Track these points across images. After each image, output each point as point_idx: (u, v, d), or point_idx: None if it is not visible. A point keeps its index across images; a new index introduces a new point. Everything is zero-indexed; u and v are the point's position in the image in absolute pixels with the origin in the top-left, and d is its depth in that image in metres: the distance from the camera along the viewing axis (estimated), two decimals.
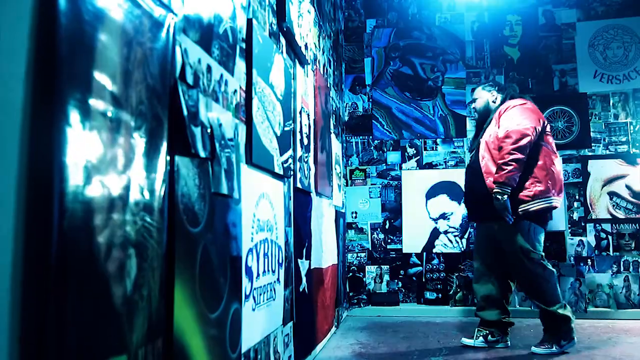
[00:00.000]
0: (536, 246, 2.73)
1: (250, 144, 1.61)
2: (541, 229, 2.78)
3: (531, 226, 2.73)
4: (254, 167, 1.65)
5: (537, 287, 2.74)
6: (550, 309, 2.70)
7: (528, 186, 2.70)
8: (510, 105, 2.82)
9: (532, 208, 2.69)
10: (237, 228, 1.46)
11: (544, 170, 2.71)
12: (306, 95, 2.52)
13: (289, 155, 2.09)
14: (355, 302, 4.11)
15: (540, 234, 2.77)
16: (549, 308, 2.70)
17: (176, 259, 1.07)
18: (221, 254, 1.33)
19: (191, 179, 1.16)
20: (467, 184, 3.05)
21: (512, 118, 2.74)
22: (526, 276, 2.77)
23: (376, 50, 4.29)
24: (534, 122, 2.71)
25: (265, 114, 1.77)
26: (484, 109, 3.03)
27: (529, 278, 2.76)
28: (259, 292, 1.68)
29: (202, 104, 1.24)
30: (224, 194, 1.34)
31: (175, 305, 1.06)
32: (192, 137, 1.15)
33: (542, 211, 2.72)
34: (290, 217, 2.19)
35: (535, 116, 2.75)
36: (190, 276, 1.14)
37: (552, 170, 2.73)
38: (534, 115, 2.75)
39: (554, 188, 2.73)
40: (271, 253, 1.83)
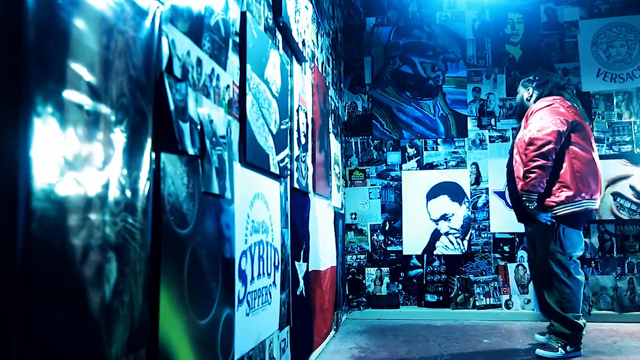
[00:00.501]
0: (566, 248, 2.68)
1: (244, 142, 1.55)
2: (574, 231, 2.70)
3: (560, 228, 2.68)
4: (248, 166, 1.59)
5: (556, 290, 2.67)
6: (565, 314, 2.65)
7: (555, 192, 2.67)
8: (535, 108, 2.77)
9: (559, 213, 2.66)
10: (229, 230, 1.39)
11: (572, 173, 2.65)
12: (304, 93, 2.46)
13: (285, 154, 2.02)
14: (354, 304, 4.05)
15: (572, 237, 2.70)
16: (565, 313, 2.65)
17: (162, 263, 1.01)
18: (212, 257, 1.27)
19: (179, 178, 1.10)
20: (507, 185, 3.07)
21: (536, 122, 2.68)
22: (548, 277, 2.71)
23: (376, 49, 4.23)
24: (558, 125, 2.62)
25: (260, 111, 1.70)
26: (519, 107, 3.03)
27: (550, 279, 2.70)
28: (254, 296, 1.61)
29: (192, 99, 1.18)
30: (215, 194, 1.28)
31: (161, 312, 0.99)
32: (180, 133, 1.08)
33: (573, 215, 2.66)
34: (287, 219, 2.13)
35: (560, 118, 2.65)
36: (178, 281, 1.08)
37: (583, 172, 2.65)
38: (559, 118, 2.65)
39: (587, 190, 2.65)
40: (266, 255, 1.76)
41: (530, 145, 2.65)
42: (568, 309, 2.65)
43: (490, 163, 3.96)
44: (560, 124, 2.63)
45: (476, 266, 3.94)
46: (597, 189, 2.71)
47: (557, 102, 2.76)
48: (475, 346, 2.97)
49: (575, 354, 2.65)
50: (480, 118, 4.06)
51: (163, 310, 1.00)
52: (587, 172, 2.66)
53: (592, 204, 2.69)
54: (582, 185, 2.64)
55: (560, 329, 2.68)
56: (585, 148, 2.70)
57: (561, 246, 2.67)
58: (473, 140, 4.06)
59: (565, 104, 2.77)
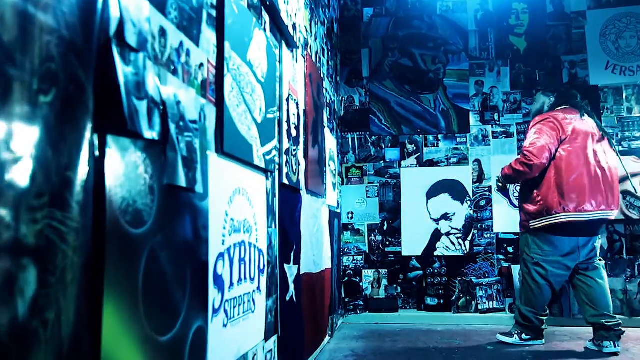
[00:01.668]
0: (532, 251, 2.93)
1: (221, 129, 1.36)
2: (546, 238, 2.88)
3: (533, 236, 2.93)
4: (227, 157, 1.40)
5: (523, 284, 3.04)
6: (520, 306, 3.01)
7: (529, 205, 2.91)
8: (533, 122, 2.96)
9: (533, 225, 2.89)
10: (201, 229, 1.21)
11: (549, 187, 2.80)
12: (295, 82, 2.27)
13: (272, 146, 1.84)
14: (351, 308, 3.86)
15: (542, 243, 2.90)
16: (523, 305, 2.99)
17: (106, 270, 0.82)
18: (178, 260, 1.08)
19: (132, 166, 0.91)
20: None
21: (530, 136, 2.89)
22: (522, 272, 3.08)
23: (374, 41, 4.05)
24: (546, 140, 2.79)
25: (241, 96, 1.52)
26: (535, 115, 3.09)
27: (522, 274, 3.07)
28: (233, 304, 1.42)
29: (151, 74, 0.99)
30: (182, 187, 1.09)
31: (104, 331, 0.81)
32: (133, 112, 0.90)
33: (548, 228, 2.84)
34: (275, 217, 1.94)
35: (552, 134, 2.80)
36: (129, 291, 0.89)
37: (564, 184, 2.76)
38: (551, 133, 2.80)
39: (566, 202, 2.75)
40: (249, 258, 1.57)
41: (521, 156, 2.90)
42: (526, 303, 2.96)
43: (494, 160, 3.78)
44: (550, 139, 2.80)
45: (479, 268, 3.77)
46: (586, 201, 2.75)
47: (553, 117, 2.87)
48: (480, 354, 2.78)
49: (531, 343, 2.94)
50: (483, 113, 3.89)
51: (107, 327, 0.81)
52: (567, 184, 2.75)
53: (570, 217, 2.76)
54: (560, 197, 2.76)
55: (517, 318, 3.02)
56: (570, 160, 2.78)
57: (528, 247, 2.95)
58: (475, 136, 3.88)
59: (562, 116, 2.87)
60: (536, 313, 2.93)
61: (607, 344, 2.71)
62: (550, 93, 3.09)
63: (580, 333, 3.28)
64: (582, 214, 2.74)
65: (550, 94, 3.08)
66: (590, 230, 2.84)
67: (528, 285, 2.95)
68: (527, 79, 3.83)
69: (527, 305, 2.96)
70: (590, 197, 2.73)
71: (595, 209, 2.74)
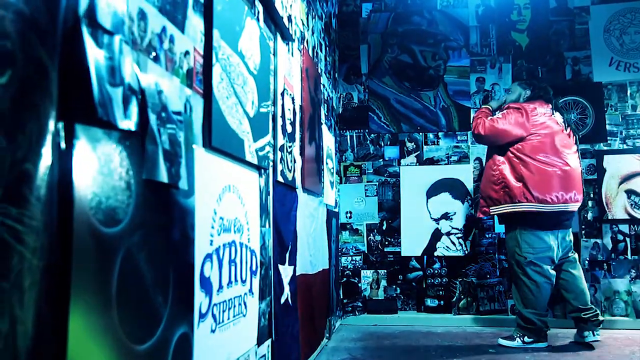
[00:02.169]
0: (523, 250, 2.88)
1: (209, 122, 1.28)
2: (532, 234, 2.88)
3: (518, 229, 2.92)
4: (215, 151, 1.32)
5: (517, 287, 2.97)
6: (520, 309, 2.91)
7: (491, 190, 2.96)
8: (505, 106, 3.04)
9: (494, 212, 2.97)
10: (186, 228, 1.13)
11: (513, 176, 2.87)
12: (290, 76, 2.19)
13: (266, 142, 1.76)
14: (349, 309, 3.78)
15: (534, 242, 2.88)
16: (519, 308, 2.92)
17: (74, 273, 0.74)
18: (159, 262, 1.00)
19: (105, 159, 0.83)
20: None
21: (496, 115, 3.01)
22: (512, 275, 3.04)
23: (373, 37, 3.97)
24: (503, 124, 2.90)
25: (232, 87, 1.44)
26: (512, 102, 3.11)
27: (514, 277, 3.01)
28: (222, 308, 1.34)
29: (128, 59, 0.91)
30: (163, 183, 1.01)
31: (70, 341, 0.72)
32: (105, 99, 0.82)
33: (512, 214, 2.90)
34: (269, 216, 1.86)
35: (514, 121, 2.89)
36: (101, 296, 0.81)
37: (529, 174, 2.83)
38: (514, 121, 2.89)
39: (530, 191, 2.82)
40: (240, 259, 1.49)
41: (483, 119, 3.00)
42: (527, 305, 2.89)
43: None
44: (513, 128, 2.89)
45: (480, 268, 3.68)
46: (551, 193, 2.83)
47: (526, 109, 2.92)
48: (481, 358, 2.70)
49: (535, 345, 2.86)
50: None
51: (74, 337, 0.73)
52: (532, 175, 2.83)
53: (538, 207, 2.82)
54: (525, 188, 2.83)
55: (519, 321, 2.92)
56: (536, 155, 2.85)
57: (519, 247, 2.89)
58: None
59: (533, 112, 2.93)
60: (538, 314, 2.87)
61: (587, 334, 2.88)
62: (526, 85, 3.11)
63: None
64: (544, 205, 2.82)
65: (526, 86, 3.10)
66: (559, 222, 2.92)
67: (526, 286, 2.88)
68: (530, 75, 3.75)
69: (527, 307, 2.89)
70: (555, 189, 2.81)
71: (558, 201, 2.82)
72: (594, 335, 2.88)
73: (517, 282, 2.94)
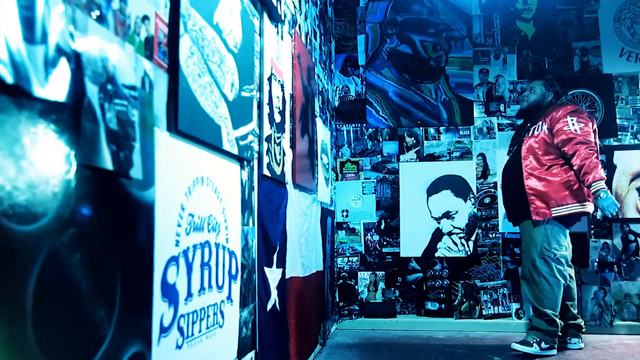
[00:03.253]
0: (552, 246, 2.75)
1: (175, 101, 1.09)
2: (560, 230, 2.78)
3: (549, 225, 2.76)
4: (183, 137, 1.13)
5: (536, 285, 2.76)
6: (545, 310, 2.71)
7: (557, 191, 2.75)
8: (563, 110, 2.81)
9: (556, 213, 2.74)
10: (141, 226, 0.94)
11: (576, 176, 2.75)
12: (279, 61, 2.00)
13: (249, 130, 1.57)
14: (345, 313, 3.60)
15: (561, 238, 2.78)
16: (543, 309, 2.72)
17: None
18: (101, 268, 0.81)
19: (14, 137, 0.64)
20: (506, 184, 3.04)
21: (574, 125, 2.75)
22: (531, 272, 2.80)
23: (371, 27, 3.78)
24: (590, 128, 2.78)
25: (205, 65, 1.25)
26: (535, 104, 2.97)
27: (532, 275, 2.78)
28: (192, 319, 1.16)
29: (56, 12, 0.72)
30: (107, 170, 0.82)
31: None
32: (15, 58, 0.63)
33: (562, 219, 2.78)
34: (253, 213, 1.67)
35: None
36: (9, 311, 0.62)
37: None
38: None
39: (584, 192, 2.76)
40: (216, 262, 1.31)
41: (582, 144, 2.69)
42: (550, 306, 2.72)
43: (499, 154, 3.50)
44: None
45: (483, 270, 3.50)
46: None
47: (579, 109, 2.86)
48: None
49: (549, 353, 2.69)
50: (487, 103, 3.62)
51: None
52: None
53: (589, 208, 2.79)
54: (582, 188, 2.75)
55: (540, 325, 2.72)
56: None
57: (548, 244, 2.74)
58: (480, 129, 3.61)
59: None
60: (556, 316, 2.74)
61: (575, 340, 2.86)
62: (550, 87, 2.98)
63: (594, 342, 3.03)
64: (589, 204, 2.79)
65: (550, 87, 2.98)
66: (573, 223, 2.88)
67: (549, 285, 2.71)
68: (536, 67, 3.57)
69: (550, 309, 2.71)
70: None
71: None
72: (582, 342, 2.88)
73: (538, 280, 2.74)
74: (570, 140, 2.70)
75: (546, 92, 2.96)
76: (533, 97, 2.97)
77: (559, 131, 2.74)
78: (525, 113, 3.02)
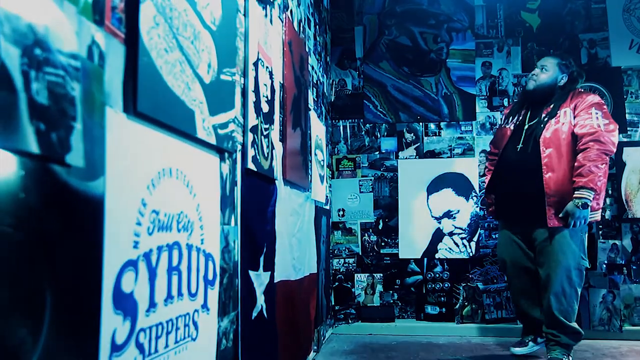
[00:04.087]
0: (585, 255, 2.57)
1: (134, 78, 0.93)
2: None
3: (584, 234, 2.56)
4: (144, 120, 0.97)
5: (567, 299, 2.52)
6: (575, 327, 2.53)
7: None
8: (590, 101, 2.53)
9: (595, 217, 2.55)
10: (83, 223, 0.78)
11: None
12: (267, 46, 1.84)
13: (229, 118, 1.41)
14: (341, 317, 3.44)
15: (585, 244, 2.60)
16: (573, 325, 2.53)
17: None
18: (22, 275, 0.65)
19: None
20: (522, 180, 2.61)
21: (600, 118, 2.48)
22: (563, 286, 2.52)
23: (368, 17, 3.63)
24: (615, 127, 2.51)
25: (175, 39, 1.08)
26: (547, 88, 2.63)
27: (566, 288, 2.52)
28: (156, 332, 0.99)
29: None
30: (32, 154, 0.66)
31: None
32: None
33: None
34: (235, 211, 1.51)
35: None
36: None
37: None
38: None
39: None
40: (188, 266, 1.14)
41: (598, 143, 2.41)
42: (576, 319, 2.57)
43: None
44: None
45: (485, 272, 3.35)
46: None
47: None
48: None
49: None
50: (490, 98, 3.47)
51: None
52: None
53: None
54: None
55: (567, 340, 2.52)
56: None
57: (584, 253, 2.54)
58: (482, 124, 3.46)
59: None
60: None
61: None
62: (565, 69, 2.65)
63: (602, 348, 2.87)
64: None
65: (565, 69, 2.65)
66: None
67: (577, 297, 2.53)
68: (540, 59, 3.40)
69: (575, 321, 2.56)
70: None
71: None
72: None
73: (569, 292, 2.50)
74: (591, 134, 2.42)
75: (560, 75, 2.62)
76: (544, 78, 2.62)
77: (581, 121, 2.47)
78: (530, 96, 2.66)
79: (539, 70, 2.66)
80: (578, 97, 2.56)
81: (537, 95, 2.62)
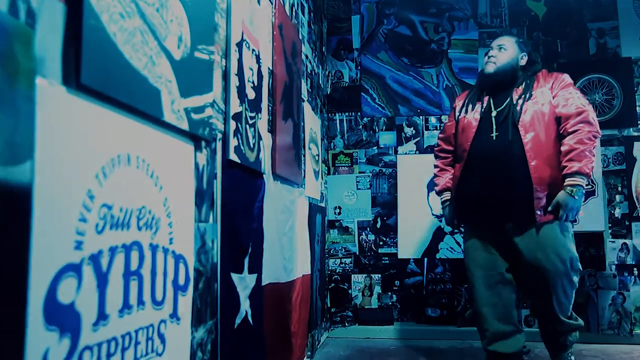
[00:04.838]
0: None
1: (77, 45, 0.77)
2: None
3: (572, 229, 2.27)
4: (93, 96, 0.81)
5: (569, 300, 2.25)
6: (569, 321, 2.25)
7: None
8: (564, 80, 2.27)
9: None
10: (1, 219, 0.61)
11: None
12: (253, 26, 1.68)
13: (206, 101, 1.25)
14: (338, 320, 3.29)
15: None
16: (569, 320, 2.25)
17: None
18: None
19: None
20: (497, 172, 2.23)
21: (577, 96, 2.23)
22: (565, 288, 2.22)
23: (366, 6, 3.48)
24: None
25: (134, 4, 0.92)
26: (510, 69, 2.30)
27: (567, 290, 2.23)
28: (107, 350, 0.84)
29: None
30: None
31: None
32: None
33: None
34: (215, 208, 1.35)
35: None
36: None
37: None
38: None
39: None
40: (151, 269, 0.98)
41: (588, 125, 2.15)
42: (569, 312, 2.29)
43: None
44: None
45: None
46: None
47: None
48: None
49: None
50: None
51: None
52: None
53: None
54: None
55: (575, 337, 2.29)
56: None
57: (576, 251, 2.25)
58: None
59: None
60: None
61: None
62: (524, 47, 2.37)
63: (613, 353, 2.73)
64: None
65: (525, 47, 2.36)
66: None
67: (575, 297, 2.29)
68: (547, 50, 3.26)
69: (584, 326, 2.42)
70: None
71: None
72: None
73: (572, 294, 2.24)
74: (578, 114, 2.13)
75: (520, 53, 2.32)
76: (505, 59, 2.30)
77: (563, 100, 2.19)
78: (491, 79, 2.31)
79: (497, 50, 2.32)
80: (550, 76, 2.29)
81: (500, 78, 2.29)
